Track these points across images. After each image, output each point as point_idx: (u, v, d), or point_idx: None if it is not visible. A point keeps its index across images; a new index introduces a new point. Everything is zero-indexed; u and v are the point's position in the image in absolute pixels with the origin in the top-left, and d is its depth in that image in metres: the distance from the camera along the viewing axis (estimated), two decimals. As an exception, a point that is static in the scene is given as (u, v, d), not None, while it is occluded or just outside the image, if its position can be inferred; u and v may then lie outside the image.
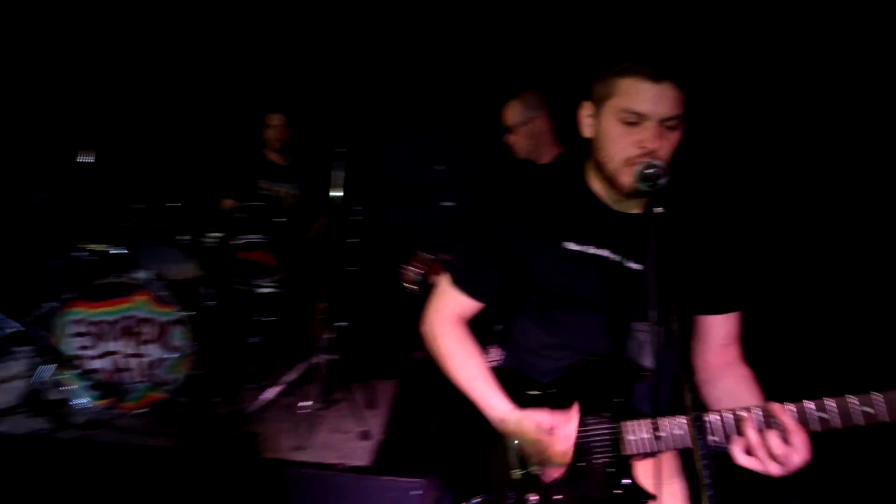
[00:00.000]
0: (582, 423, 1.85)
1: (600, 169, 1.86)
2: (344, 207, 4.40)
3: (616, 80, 1.78)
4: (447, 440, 2.07)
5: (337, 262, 4.77)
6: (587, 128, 1.89)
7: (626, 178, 1.78)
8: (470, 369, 1.97)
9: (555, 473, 1.82)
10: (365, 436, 4.16)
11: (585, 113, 1.89)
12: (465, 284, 2.03)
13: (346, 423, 4.31)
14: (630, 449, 1.81)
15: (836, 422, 1.57)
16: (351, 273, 4.75)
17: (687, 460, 1.95)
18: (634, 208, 1.91)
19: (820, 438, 1.62)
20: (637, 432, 1.80)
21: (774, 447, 1.60)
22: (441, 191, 4.62)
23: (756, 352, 1.97)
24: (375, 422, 4.37)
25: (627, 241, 1.89)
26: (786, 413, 1.61)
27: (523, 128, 3.35)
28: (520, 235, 1.93)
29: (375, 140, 5.49)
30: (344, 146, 4.35)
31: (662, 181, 1.64)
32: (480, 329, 2.11)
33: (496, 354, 2.15)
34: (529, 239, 1.92)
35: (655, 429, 1.77)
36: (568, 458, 1.80)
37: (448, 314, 2.05)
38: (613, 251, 1.89)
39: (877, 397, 1.54)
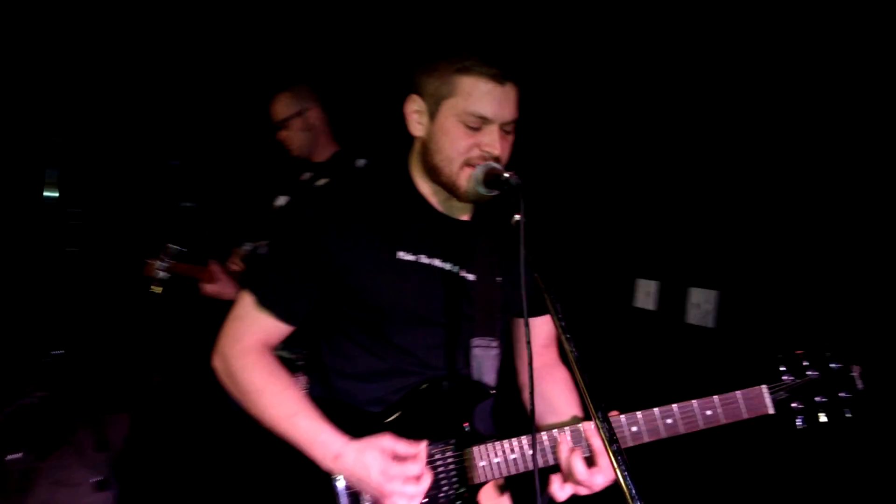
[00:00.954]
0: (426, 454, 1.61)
1: (432, 171, 1.67)
2: (60, 210, 3.63)
3: (457, 79, 1.60)
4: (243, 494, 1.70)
5: (49, 274, 3.95)
6: (416, 126, 1.69)
7: (465, 182, 1.62)
8: (289, 405, 1.62)
9: None
10: (102, 486, 3.47)
11: (414, 109, 1.68)
12: (274, 305, 1.67)
13: (72, 474, 3.56)
14: (481, 477, 1.62)
15: (646, 436, 1.58)
16: (67, 287, 3.97)
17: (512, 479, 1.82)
18: (464, 214, 1.74)
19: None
20: (487, 457, 1.61)
21: (577, 472, 1.55)
22: (179, 189, 4.07)
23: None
24: (109, 467, 3.68)
25: (459, 250, 1.71)
26: (595, 435, 1.57)
27: (296, 120, 3.03)
28: (347, 246, 1.64)
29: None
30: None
31: (514, 181, 1.48)
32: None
33: (301, 384, 1.82)
34: (359, 250, 1.64)
35: (510, 451, 1.60)
36: (422, 492, 1.55)
37: (251, 342, 1.68)
38: (444, 260, 1.70)
39: (711, 401, 1.55)
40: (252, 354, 1.67)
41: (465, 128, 1.59)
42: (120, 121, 4.63)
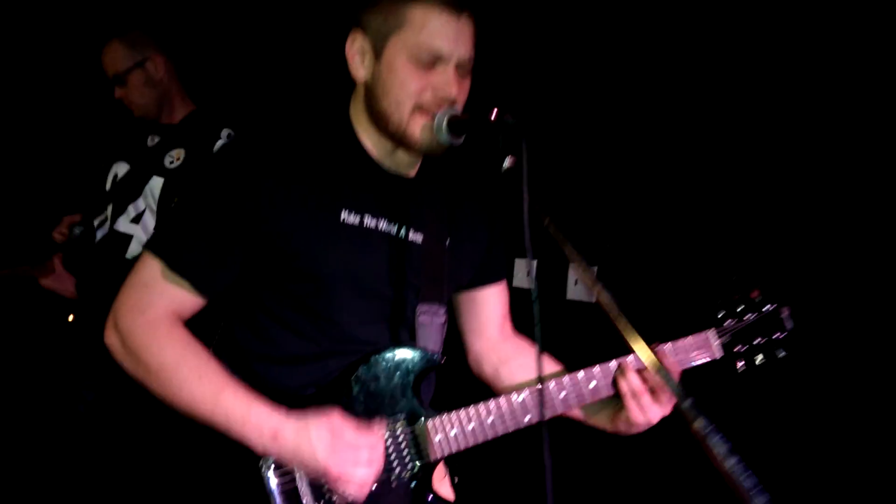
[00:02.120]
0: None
1: (378, 119, 1.51)
2: None
3: (407, 9, 1.44)
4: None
5: None
6: (359, 68, 1.52)
7: (417, 131, 1.47)
8: (211, 381, 1.40)
9: (354, 495, 1.40)
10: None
11: (356, 48, 1.51)
12: (190, 271, 1.44)
13: None
14: (437, 452, 1.51)
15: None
16: None
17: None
18: (409, 170, 1.61)
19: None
20: (443, 430, 1.51)
21: (658, 385, 1.48)
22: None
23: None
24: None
25: (405, 210, 1.58)
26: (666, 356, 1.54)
27: (136, 73, 2.60)
28: (283, 206, 1.44)
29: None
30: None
31: (510, 120, 1.34)
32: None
33: None
34: (297, 210, 1.46)
35: (467, 420, 1.51)
36: (375, 475, 1.41)
37: (159, 314, 1.43)
38: (390, 221, 1.56)
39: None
40: (161, 326, 1.42)
41: (417, 66, 1.44)
42: None
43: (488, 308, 1.78)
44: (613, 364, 1.56)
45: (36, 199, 3.65)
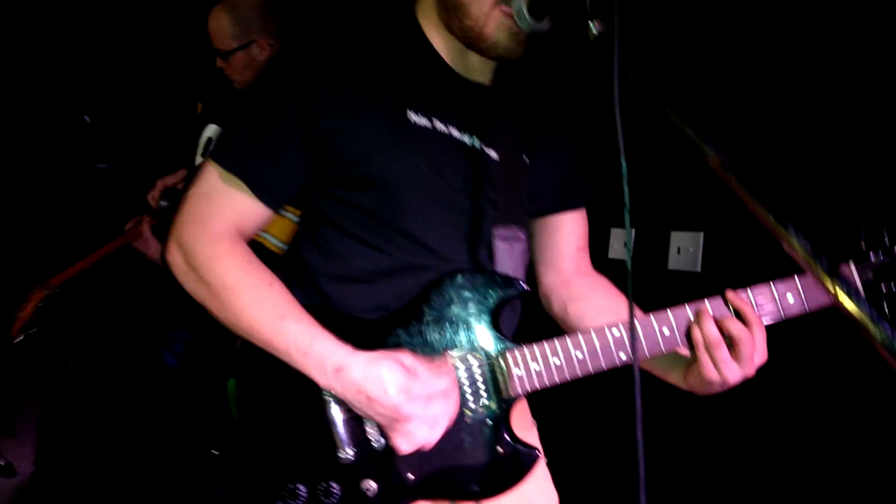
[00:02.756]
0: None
1: (452, 16, 1.35)
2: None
3: None
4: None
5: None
6: None
7: (496, 29, 1.31)
8: (274, 306, 1.28)
9: (423, 441, 1.24)
10: (5, 471, 2.98)
11: None
12: (251, 178, 1.32)
13: (-28, 461, 3.06)
14: (517, 389, 1.32)
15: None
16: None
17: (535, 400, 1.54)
18: (483, 77, 1.44)
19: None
20: (524, 364, 1.32)
21: (739, 333, 1.24)
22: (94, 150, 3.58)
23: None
24: (18, 451, 3.18)
25: (479, 120, 1.41)
26: (746, 303, 1.28)
27: (239, 55, 2.47)
28: (346, 105, 1.31)
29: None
30: None
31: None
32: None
33: None
34: (361, 109, 1.32)
35: (553, 354, 1.32)
36: (450, 417, 1.24)
37: (222, 227, 1.32)
38: (462, 130, 1.39)
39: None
40: (224, 242, 1.31)
41: None
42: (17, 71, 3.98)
43: (565, 237, 1.60)
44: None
45: (133, 163, 3.69)
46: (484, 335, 1.35)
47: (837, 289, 0.90)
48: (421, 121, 1.35)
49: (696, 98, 2.42)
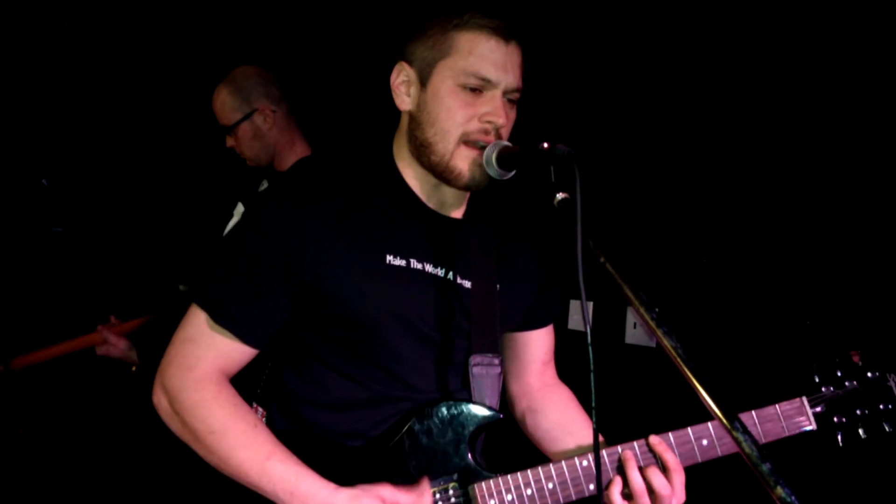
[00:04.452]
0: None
1: (422, 149, 1.41)
2: None
3: (454, 35, 1.37)
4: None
5: None
6: (404, 98, 1.44)
7: (461, 164, 1.38)
8: (260, 448, 1.31)
9: None
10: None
11: (401, 78, 1.43)
12: (237, 324, 1.35)
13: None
14: (491, 519, 1.36)
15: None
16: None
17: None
18: (455, 209, 1.50)
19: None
20: (497, 495, 1.36)
21: (660, 488, 1.33)
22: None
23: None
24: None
25: (452, 252, 1.47)
26: (667, 449, 1.36)
27: (244, 126, 2.44)
28: (328, 248, 1.36)
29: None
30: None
31: (563, 151, 1.20)
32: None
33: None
34: (342, 253, 1.36)
35: (525, 485, 1.36)
36: None
37: (207, 371, 1.35)
38: (437, 265, 1.45)
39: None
40: (210, 386, 1.33)
41: (464, 93, 1.35)
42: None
43: (531, 353, 1.67)
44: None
45: (90, 227, 3.60)
46: (460, 465, 1.38)
47: (737, 435, 0.97)
48: (398, 262, 1.40)
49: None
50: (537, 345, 1.66)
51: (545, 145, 1.22)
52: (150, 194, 3.51)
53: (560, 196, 1.19)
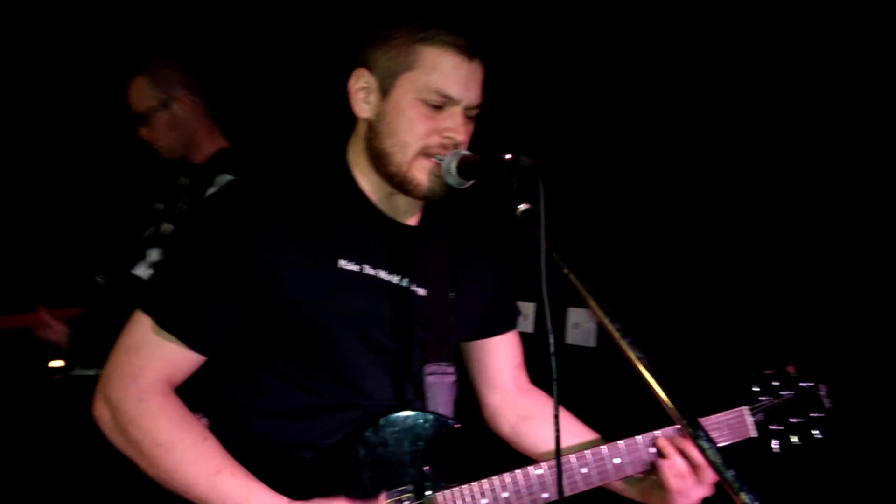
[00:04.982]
0: (381, 508, 1.34)
1: (379, 159, 1.42)
2: None
3: (418, 49, 1.37)
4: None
5: None
6: (362, 105, 1.43)
7: (420, 175, 1.39)
8: (208, 461, 1.28)
9: None
10: None
11: (360, 85, 1.43)
12: (183, 329, 1.32)
13: None
14: (446, 529, 1.38)
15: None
16: None
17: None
18: (409, 217, 1.51)
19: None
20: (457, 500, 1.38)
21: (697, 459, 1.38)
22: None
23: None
24: None
25: (406, 259, 1.47)
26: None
27: (161, 114, 2.38)
28: (278, 252, 1.34)
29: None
30: None
31: (526, 162, 1.21)
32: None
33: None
34: (293, 257, 1.35)
35: (480, 495, 1.38)
36: None
37: (151, 381, 1.31)
38: (391, 271, 1.45)
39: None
40: (155, 397, 1.30)
41: (425, 107, 1.37)
42: None
43: (498, 358, 1.68)
44: (641, 440, 1.44)
45: (79, 235, 3.45)
46: (416, 475, 1.39)
47: (702, 443, 1.02)
48: (351, 267, 1.39)
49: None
50: (504, 352, 1.68)
51: (508, 156, 1.23)
52: (65, 186, 3.41)
53: (522, 207, 1.21)
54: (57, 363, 2.62)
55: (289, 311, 1.35)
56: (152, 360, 1.32)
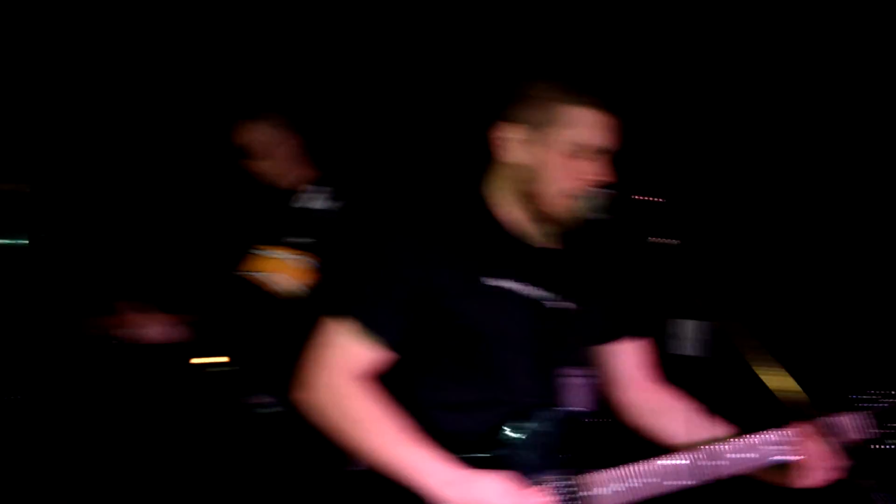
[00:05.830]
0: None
1: (528, 200, 1.73)
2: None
3: (561, 107, 1.68)
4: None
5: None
6: (509, 152, 1.75)
7: (567, 212, 1.70)
8: (392, 431, 1.60)
9: None
10: None
11: (507, 136, 1.75)
12: (377, 329, 1.66)
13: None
14: (596, 507, 1.65)
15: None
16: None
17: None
18: (548, 241, 1.81)
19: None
20: (601, 485, 1.65)
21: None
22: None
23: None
24: None
25: (547, 277, 1.77)
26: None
27: (281, 148, 2.91)
28: (439, 270, 1.68)
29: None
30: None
31: (659, 200, 1.57)
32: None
33: None
34: (450, 274, 1.68)
35: (628, 478, 1.65)
36: None
37: (354, 373, 1.65)
38: (533, 287, 1.76)
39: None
40: (355, 383, 1.64)
41: (571, 157, 1.67)
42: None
43: (629, 360, 1.93)
44: (774, 436, 1.69)
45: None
46: (560, 462, 1.65)
47: None
48: (500, 283, 1.71)
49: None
50: (634, 354, 1.94)
51: (643, 196, 1.55)
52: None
53: (655, 238, 1.50)
54: (208, 359, 3.03)
55: (448, 320, 1.68)
56: (347, 355, 1.66)
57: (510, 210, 1.77)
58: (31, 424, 3.87)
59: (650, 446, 1.87)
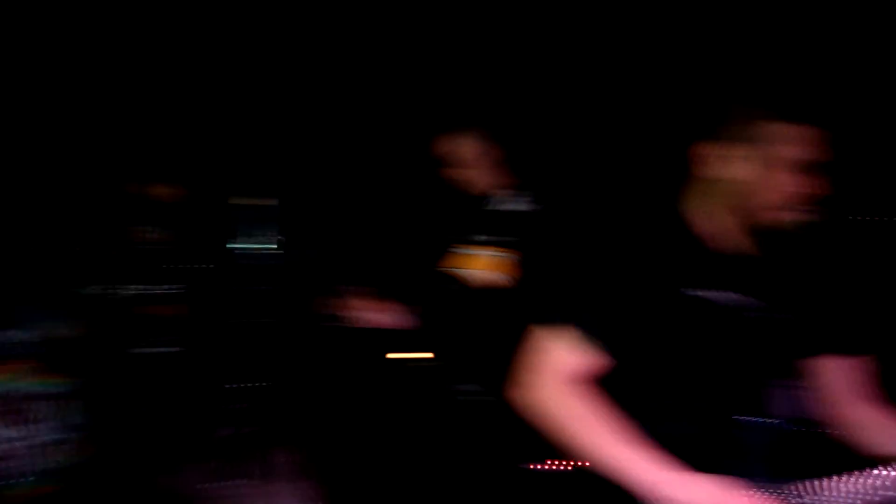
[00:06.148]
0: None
1: (734, 212, 1.72)
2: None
3: (773, 125, 1.67)
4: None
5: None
6: (711, 169, 1.74)
7: (780, 223, 1.68)
8: (613, 431, 1.64)
9: None
10: None
11: (719, 153, 1.73)
12: (595, 335, 1.70)
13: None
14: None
15: None
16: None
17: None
18: (751, 249, 1.76)
19: None
20: (818, 494, 1.57)
21: None
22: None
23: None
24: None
25: (749, 286, 1.73)
26: None
27: (483, 159, 3.06)
28: (642, 280, 1.69)
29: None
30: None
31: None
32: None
33: None
34: (653, 283, 1.69)
35: (843, 486, 1.57)
36: None
37: (567, 374, 1.71)
38: (736, 295, 1.71)
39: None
40: (573, 385, 1.70)
41: (783, 171, 1.65)
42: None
43: (841, 376, 1.82)
44: None
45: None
46: (767, 470, 1.62)
47: None
48: (702, 294, 1.69)
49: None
50: (845, 371, 1.82)
51: (863, 216, 1.46)
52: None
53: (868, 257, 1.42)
54: (407, 354, 3.29)
55: (657, 327, 1.69)
56: (564, 358, 1.70)
57: (713, 224, 1.75)
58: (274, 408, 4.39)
59: (863, 459, 1.75)
